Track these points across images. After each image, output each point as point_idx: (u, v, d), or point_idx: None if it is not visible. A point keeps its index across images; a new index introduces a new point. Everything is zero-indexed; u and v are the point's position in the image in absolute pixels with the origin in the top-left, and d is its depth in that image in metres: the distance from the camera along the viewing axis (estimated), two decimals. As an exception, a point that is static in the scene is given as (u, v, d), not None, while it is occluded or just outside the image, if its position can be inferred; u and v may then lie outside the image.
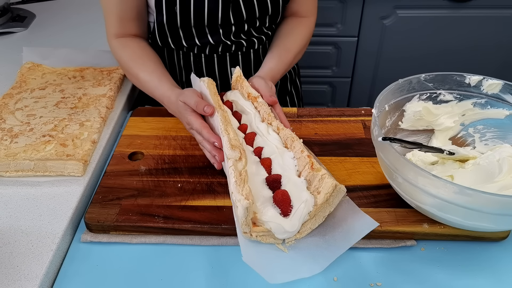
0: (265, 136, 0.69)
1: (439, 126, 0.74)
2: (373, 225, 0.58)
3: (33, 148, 0.74)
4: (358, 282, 0.58)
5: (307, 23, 0.95)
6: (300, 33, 0.93)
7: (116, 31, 0.87)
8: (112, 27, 0.86)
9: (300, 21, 0.95)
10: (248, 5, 0.85)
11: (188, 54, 0.93)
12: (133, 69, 0.84)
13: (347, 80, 1.83)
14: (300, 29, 0.93)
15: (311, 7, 0.95)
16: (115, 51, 0.87)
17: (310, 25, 0.95)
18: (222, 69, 0.95)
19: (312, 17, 0.96)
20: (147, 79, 0.82)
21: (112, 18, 0.86)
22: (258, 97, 0.76)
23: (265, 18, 0.89)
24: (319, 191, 0.59)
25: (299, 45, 0.92)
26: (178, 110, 0.76)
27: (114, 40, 0.87)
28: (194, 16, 0.84)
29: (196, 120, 0.71)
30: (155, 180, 0.71)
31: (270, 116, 0.72)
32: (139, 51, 0.86)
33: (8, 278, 0.57)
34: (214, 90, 0.77)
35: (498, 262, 0.61)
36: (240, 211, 0.55)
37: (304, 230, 0.59)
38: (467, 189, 0.51)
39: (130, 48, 0.86)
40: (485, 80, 0.70)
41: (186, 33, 0.88)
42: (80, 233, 0.66)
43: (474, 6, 1.61)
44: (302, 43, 0.93)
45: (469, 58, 1.75)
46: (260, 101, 0.75)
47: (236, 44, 0.91)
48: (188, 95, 0.74)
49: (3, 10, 1.24)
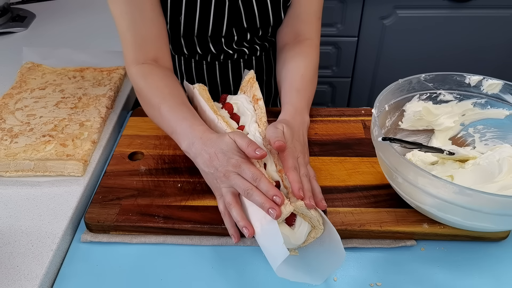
0: (252, 136, 0.69)
1: (439, 126, 0.74)
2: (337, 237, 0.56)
3: (33, 148, 0.74)
4: (358, 282, 0.58)
5: (311, 45, 0.85)
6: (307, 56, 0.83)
7: (135, 56, 0.75)
8: (130, 52, 0.75)
9: (304, 44, 0.85)
10: (249, 17, 0.83)
11: (189, 60, 0.92)
12: (154, 98, 0.72)
13: (347, 80, 1.83)
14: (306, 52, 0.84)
15: (316, 27, 0.85)
16: (135, 79, 0.75)
17: (315, 47, 0.85)
18: (223, 75, 0.94)
19: (316, 39, 0.86)
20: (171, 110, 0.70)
21: (128, 41, 0.75)
22: (260, 100, 0.75)
23: (268, 28, 0.87)
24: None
25: (311, 69, 0.82)
26: (220, 148, 0.61)
27: (134, 67, 0.75)
28: (198, 27, 0.82)
29: (252, 166, 0.59)
30: (155, 180, 0.71)
31: (261, 121, 0.72)
32: (164, 80, 0.75)
33: (8, 278, 0.57)
34: (207, 95, 0.77)
35: (498, 262, 0.61)
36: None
37: (308, 240, 0.60)
38: (467, 189, 0.51)
39: (153, 76, 0.75)
40: (485, 80, 0.70)
41: (187, 43, 0.87)
42: (80, 233, 0.66)
43: (474, 6, 1.61)
44: (313, 66, 0.83)
45: (469, 58, 1.75)
46: (260, 104, 0.75)
47: (238, 52, 0.90)
48: (240, 134, 0.62)
49: (3, 10, 1.24)
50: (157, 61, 0.78)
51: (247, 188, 0.57)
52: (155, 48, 0.77)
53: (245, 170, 0.58)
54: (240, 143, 0.60)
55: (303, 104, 0.76)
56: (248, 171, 0.58)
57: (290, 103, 0.75)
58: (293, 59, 0.83)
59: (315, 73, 0.83)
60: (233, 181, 0.59)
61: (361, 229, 0.62)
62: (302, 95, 0.77)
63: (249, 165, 0.59)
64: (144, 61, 0.76)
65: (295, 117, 0.72)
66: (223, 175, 0.60)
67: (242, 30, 0.85)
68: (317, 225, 0.59)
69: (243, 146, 0.59)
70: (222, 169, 0.60)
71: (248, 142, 0.59)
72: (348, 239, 0.63)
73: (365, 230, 0.62)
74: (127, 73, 0.79)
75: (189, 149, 0.66)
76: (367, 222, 0.63)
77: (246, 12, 0.82)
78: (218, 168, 0.61)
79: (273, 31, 0.90)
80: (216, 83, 0.94)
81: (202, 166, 0.64)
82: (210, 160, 0.62)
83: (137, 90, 0.76)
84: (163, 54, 0.79)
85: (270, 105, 1.07)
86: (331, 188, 0.69)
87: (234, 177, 0.59)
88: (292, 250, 0.60)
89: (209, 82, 0.95)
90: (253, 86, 0.79)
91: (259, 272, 0.60)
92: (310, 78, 0.81)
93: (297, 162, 0.62)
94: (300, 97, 0.76)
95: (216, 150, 0.61)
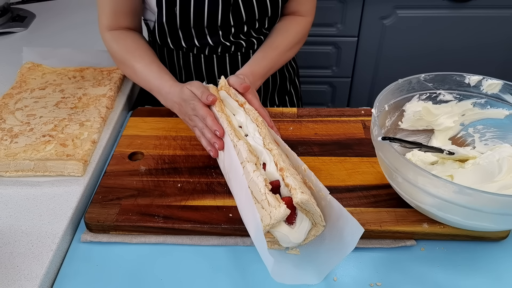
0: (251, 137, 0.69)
1: (439, 126, 0.74)
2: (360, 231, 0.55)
3: (33, 148, 0.74)
4: (358, 282, 0.58)
5: (301, 22, 0.93)
6: (292, 30, 0.92)
7: (109, 23, 0.86)
8: (105, 19, 0.86)
9: (295, 19, 0.93)
10: (247, 7, 0.84)
11: (187, 54, 0.93)
12: (128, 60, 0.84)
13: (347, 80, 1.83)
14: (293, 27, 0.92)
15: (310, 6, 0.94)
16: (108, 43, 0.86)
17: (305, 24, 0.94)
18: (221, 69, 0.95)
19: (309, 17, 0.95)
20: (143, 70, 0.82)
21: (105, 10, 0.85)
22: (245, 103, 0.74)
23: (265, 19, 0.89)
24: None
25: (289, 42, 0.91)
26: (182, 98, 0.75)
27: (107, 32, 0.86)
28: (194, 17, 0.84)
29: (202, 107, 0.72)
30: (155, 180, 0.71)
31: (257, 121, 0.72)
32: (135, 43, 0.86)
33: (8, 278, 0.57)
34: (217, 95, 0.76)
35: (498, 262, 0.61)
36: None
37: (308, 238, 0.60)
38: (467, 189, 0.51)
39: (125, 40, 0.86)
40: (485, 80, 0.70)
41: (185, 34, 0.88)
42: (80, 233, 0.66)
43: (474, 6, 1.61)
44: (293, 40, 0.91)
45: (469, 58, 1.75)
46: (247, 108, 0.74)
47: (236, 44, 0.91)
48: (195, 84, 0.75)
49: (3, 10, 1.24)
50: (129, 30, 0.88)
51: (201, 127, 0.72)
52: (129, 21, 0.88)
53: (198, 111, 0.72)
54: (196, 92, 0.74)
55: (261, 71, 0.86)
56: (200, 112, 0.72)
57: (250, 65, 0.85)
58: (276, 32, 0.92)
59: (293, 46, 0.93)
60: (195, 122, 0.74)
61: (361, 229, 0.62)
62: (264, 63, 0.87)
63: (201, 107, 0.72)
64: (117, 28, 0.87)
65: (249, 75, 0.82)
66: (189, 119, 0.76)
67: (240, 21, 0.86)
68: (319, 222, 0.58)
69: (198, 94, 0.74)
70: (187, 114, 0.75)
71: (201, 91, 0.73)
72: (348, 239, 0.63)
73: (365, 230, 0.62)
74: (101, 37, 0.88)
75: (166, 104, 0.82)
76: (367, 222, 0.63)
77: (244, 2, 0.84)
78: (185, 113, 0.76)
79: (270, 22, 0.91)
80: (214, 77, 0.95)
81: (177, 113, 0.80)
82: (179, 108, 0.77)
83: (111, 52, 0.87)
84: (135, 25, 0.90)
85: (268, 100, 1.05)
86: (331, 188, 0.69)
87: (194, 119, 0.74)
88: (292, 249, 0.60)
89: (207, 76, 0.95)
90: (229, 93, 0.77)
91: (259, 272, 0.60)
92: (282, 50, 0.90)
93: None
94: (262, 63, 0.86)
95: (180, 100, 0.76)
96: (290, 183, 0.59)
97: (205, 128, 0.71)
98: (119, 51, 0.85)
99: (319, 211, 0.58)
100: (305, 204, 0.57)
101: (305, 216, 0.59)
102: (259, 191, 0.58)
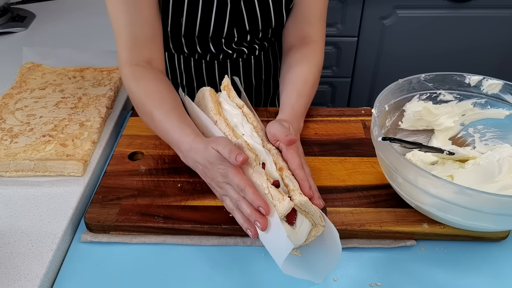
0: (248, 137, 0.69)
1: (439, 126, 0.74)
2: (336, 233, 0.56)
3: (33, 148, 0.74)
4: (358, 282, 0.58)
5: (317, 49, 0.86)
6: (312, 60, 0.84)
7: (129, 56, 0.75)
8: (124, 52, 0.76)
9: (309, 46, 0.86)
10: (251, 19, 0.83)
11: (188, 59, 0.92)
12: (147, 106, 0.72)
13: (347, 80, 1.83)
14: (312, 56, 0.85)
15: (321, 29, 0.87)
16: (127, 82, 0.75)
17: (321, 51, 0.87)
18: (222, 74, 0.94)
19: (321, 42, 0.87)
20: (162, 118, 0.70)
21: (123, 39, 0.75)
22: (243, 107, 0.74)
23: (268, 30, 0.88)
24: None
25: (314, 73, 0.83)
26: (207, 159, 0.62)
27: (127, 68, 0.76)
28: (200, 28, 0.82)
29: (237, 174, 0.59)
30: (155, 180, 0.71)
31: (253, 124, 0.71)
32: (155, 85, 0.75)
33: (8, 278, 0.57)
34: (215, 98, 0.75)
35: (498, 262, 0.61)
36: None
37: (308, 238, 0.60)
38: (467, 189, 0.51)
39: (144, 80, 0.75)
40: (485, 80, 0.70)
41: (188, 42, 0.87)
42: (80, 233, 0.66)
43: (474, 6, 1.61)
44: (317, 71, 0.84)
45: (469, 58, 1.75)
46: (245, 111, 0.73)
47: (238, 51, 0.90)
48: (221, 143, 0.61)
49: (3, 10, 1.24)
50: (151, 63, 0.78)
51: (237, 199, 0.59)
52: (149, 50, 0.77)
53: (232, 179, 0.59)
54: (223, 152, 0.60)
55: (302, 110, 0.78)
56: (234, 181, 0.59)
57: (290, 106, 0.76)
58: (297, 64, 0.83)
59: (318, 77, 0.84)
60: (225, 191, 0.61)
61: (361, 229, 0.62)
62: (302, 101, 0.78)
63: (234, 174, 0.59)
64: (137, 62, 0.76)
65: (294, 120, 0.74)
66: (217, 186, 0.63)
67: (243, 31, 0.85)
68: (318, 222, 0.58)
69: (225, 155, 0.59)
70: (215, 180, 0.63)
71: (229, 150, 0.59)
72: (348, 239, 0.63)
73: (365, 230, 0.62)
74: (120, 73, 0.79)
75: (186, 162, 0.69)
76: (367, 222, 0.63)
77: (248, 14, 0.82)
78: (212, 178, 0.64)
79: (273, 32, 0.90)
80: (215, 81, 0.95)
81: (201, 175, 0.67)
82: (204, 171, 0.65)
83: (129, 93, 0.76)
84: (156, 55, 0.79)
85: (269, 105, 1.07)
86: (331, 188, 0.69)
87: (225, 187, 0.61)
88: (293, 250, 0.60)
89: (208, 81, 0.95)
90: (230, 94, 0.76)
91: (259, 272, 0.60)
92: (312, 83, 0.81)
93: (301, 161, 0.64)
94: (300, 102, 0.78)
95: (204, 161, 0.63)
96: (289, 184, 0.60)
97: (242, 200, 0.58)
98: (137, 93, 0.74)
99: (319, 211, 0.58)
100: (304, 206, 0.57)
101: (305, 217, 0.59)
102: (261, 185, 0.58)
